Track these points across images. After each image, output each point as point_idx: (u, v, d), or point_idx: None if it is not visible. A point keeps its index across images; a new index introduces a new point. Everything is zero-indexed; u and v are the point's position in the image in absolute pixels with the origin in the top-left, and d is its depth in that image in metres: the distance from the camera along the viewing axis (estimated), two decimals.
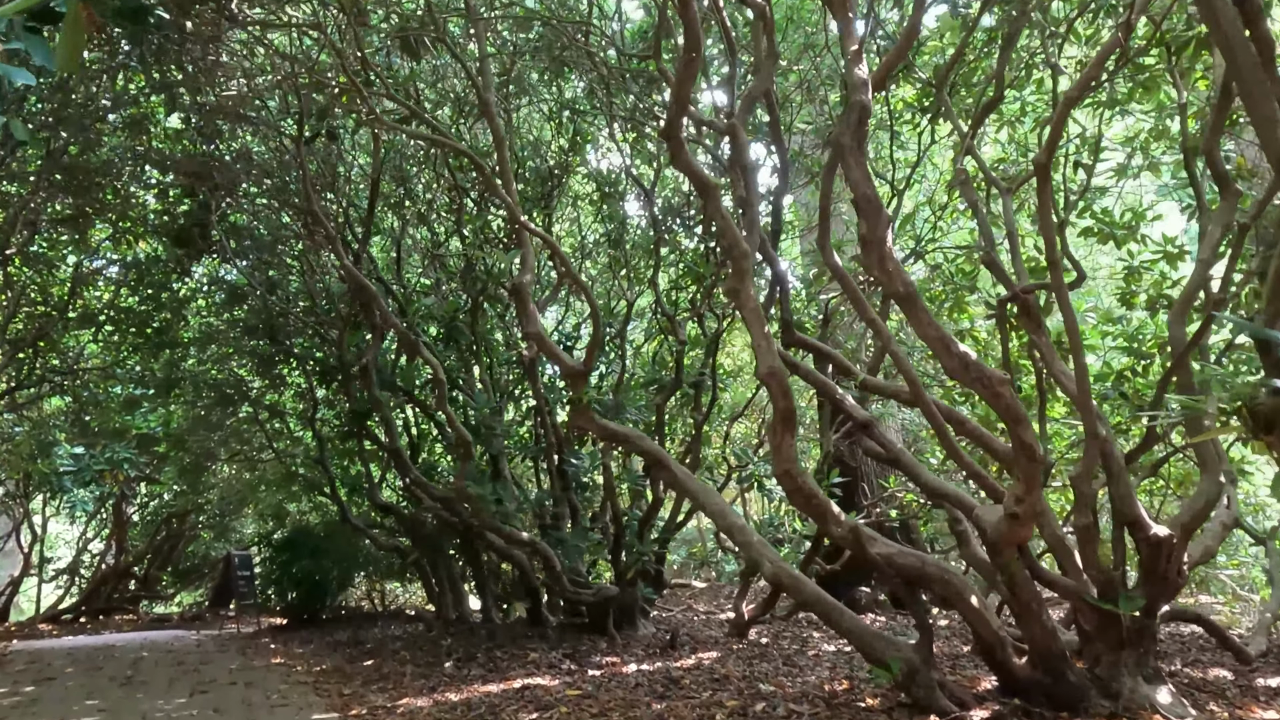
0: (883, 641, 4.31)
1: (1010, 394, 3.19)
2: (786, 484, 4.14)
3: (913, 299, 3.21)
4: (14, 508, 19.53)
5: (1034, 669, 4.15)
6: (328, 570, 13.24)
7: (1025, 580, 4.01)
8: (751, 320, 4.03)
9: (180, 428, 14.27)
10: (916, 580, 4.32)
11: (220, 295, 12.23)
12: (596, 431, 5.04)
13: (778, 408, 4.06)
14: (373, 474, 10.89)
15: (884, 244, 3.11)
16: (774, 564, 4.52)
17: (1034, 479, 3.23)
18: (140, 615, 18.90)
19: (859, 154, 3.05)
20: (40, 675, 7.79)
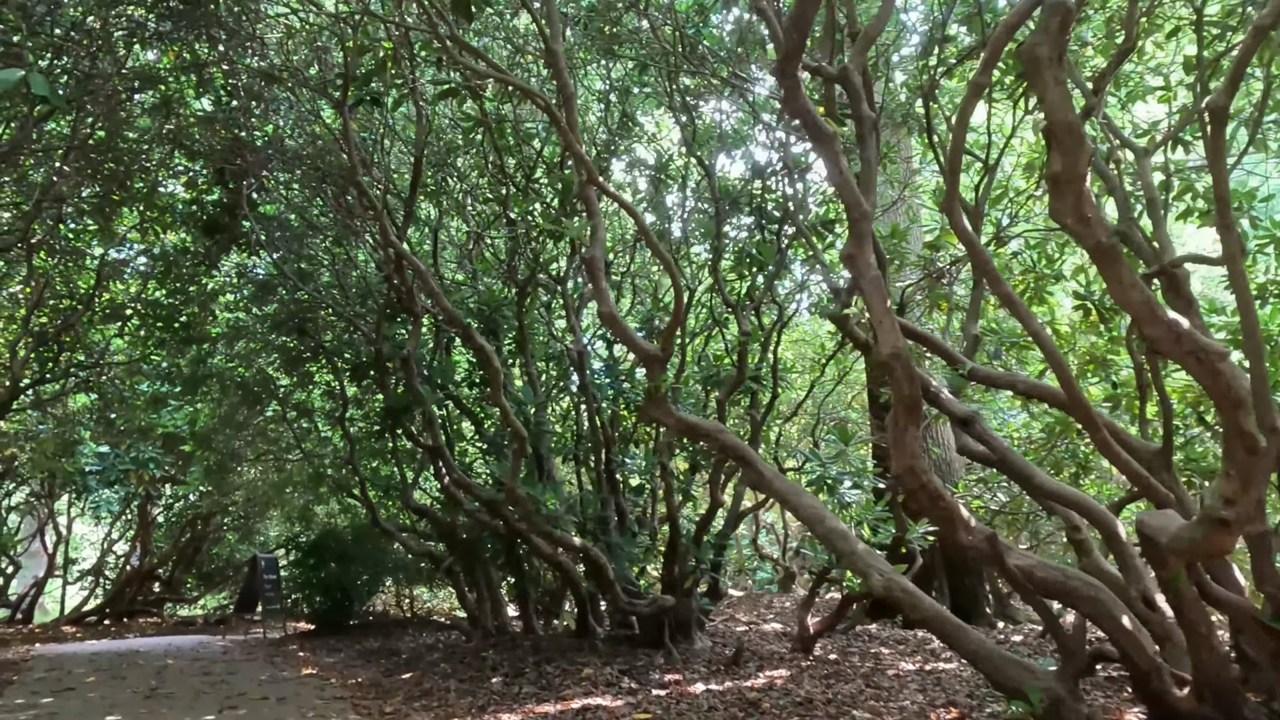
0: (1018, 667, 3.71)
1: (1232, 371, 2.61)
2: (908, 482, 3.56)
3: (1114, 255, 2.64)
4: (39, 508, 19.29)
5: (1199, 701, 3.54)
6: (356, 575, 12.77)
7: (1194, 599, 3.40)
8: (871, 292, 3.46)
9: (206, 427, 13.88)
10: (1061, 596, 3.73)
11: (249, 289, 11.81)
12: (673, 425, 4.49)
13: (900, 394, 3.49)
14: (405, 475, 10.39)
15: (1083, 183, 2.54)
16: (885, 577, 3.94)
17: (1252, 476, 2.65)
18: (164, 618, 18.56)
19: (1058, 69, 2.49)
20: (60, 685, 7.34)
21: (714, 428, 4.52)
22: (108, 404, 12.59)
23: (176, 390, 12.48)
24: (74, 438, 13.37)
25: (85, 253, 10.34)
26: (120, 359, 12.17)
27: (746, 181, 8.14)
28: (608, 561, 6.99)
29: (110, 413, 12.82)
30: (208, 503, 16.69)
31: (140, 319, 11.46)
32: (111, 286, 11.34)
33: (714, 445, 4.52)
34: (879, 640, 8.61)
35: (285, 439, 14.31)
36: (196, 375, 12.37)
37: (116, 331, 11.21)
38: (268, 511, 18.95)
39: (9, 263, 10.65)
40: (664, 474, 7.02)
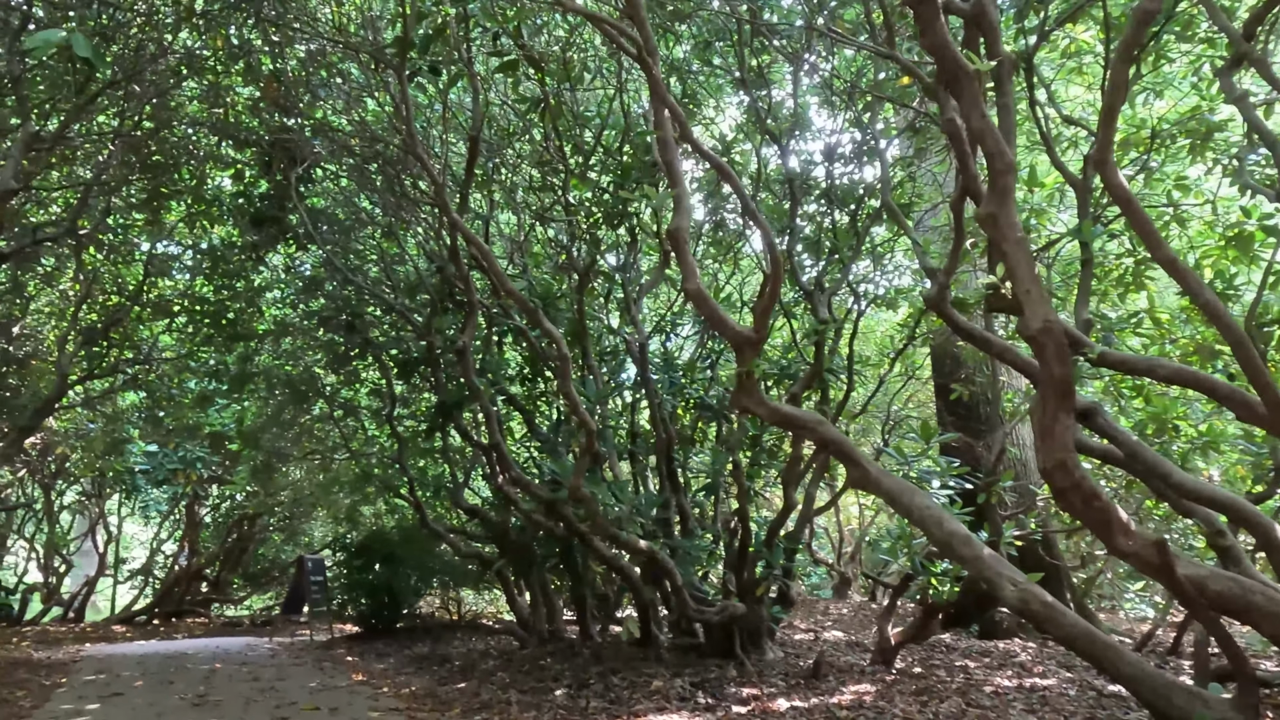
0: (1186, 694, 3.19)
1: None
2: (1059, 480, 3.06)
3: None
4: (90, 507, 19.42)
5: None
6: (404, 577, 12.49)
7: None
8: (1017, 256, 2.98)
9: (253, 425, 13.72)
10: (1239, 613, 3.20)
11: (296, 284, 11.61)
12: (766, 415, 4.03)
13: (1051, 376, 2.99)
14: (456, 474, 10.06)
15: None
16: (1020, 587, 3.44)
17: None
18: (211, 619, 18.54)
19: None
20: (106, 689, 7.09)
21: (813, 419, 4.04)
22: (156, 402, 12.48)
23: (223, 388, 12.31)
24: (123, 436, 13.29)
25: (134, 245, 10.17)
26: (168, 356, 12.03)
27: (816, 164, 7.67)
28: (674, 566, 6.54)
29: (158, 411, 12.70)
30: (254, 503, 16.58)
31: (188, 315, 11.30)
32: (159, 283, 11.21)
33: (813, 439, 4.05)
34: (959, 652, 8.05)
35: (332, 438, 14.11)
36: (243, 373, 12.20)
37: (164, 328, 11.04)
38: (314, 512, 18.86)
39: (59, 258, 10.56)
40: (736, 472, 6.55)
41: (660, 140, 3.94)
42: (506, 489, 8.36)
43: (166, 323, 11.05)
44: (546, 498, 6.82)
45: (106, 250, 9.91)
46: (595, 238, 7.13)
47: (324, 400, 13.11)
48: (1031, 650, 8.14)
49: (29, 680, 7.74)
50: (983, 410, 10.60)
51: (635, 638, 6.90)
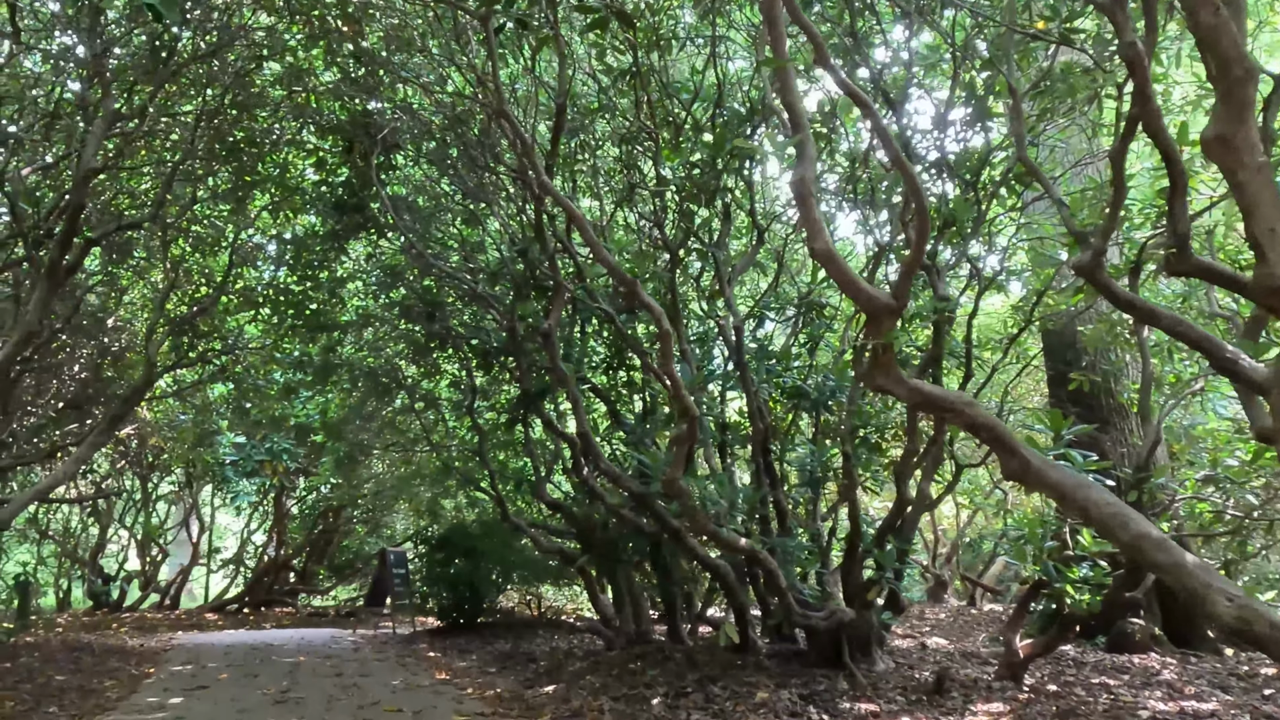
0: None
1: None
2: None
3: None
4: (185, 498, 19.99)
5: None
6: (485, 572, 12.27)
7: None
8: (1257, 185, 2.35)
9: (336, 417, 13.74)
10: None
11: (377, 274, 11.49)
12: (905, 394, 3.47)
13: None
14: (539, 466, 9.72)
15: None
16: (1238, 603, 2.80)
17: None
18: (298, 609, 18.83)
19: None
20: (192, 682, 6.97)
21: (961, 400, 3.46)
22: (243, 394, 12.56)
23: (307, 379, 12.31)
24: (212, 428, 13.46)
25: (220, 235, 10.16)
26: (254, 347, 12.08)
27: (925, 133, 6.99)
28: (778, 566, 6.00)
29: (245, 403, 12.79)
30: (338, 495, 16.70)
31: (272, 307, 11.30)
32: (245, 273, 11.24)
33: (960, 422, 3.47)
34: (1090, 667, 7.27)
35: (413, 430, 14.03)
36: (327, 364, 12.18)
37: (249, 318, 11.04)
38: (395, 505, 18.95)
39: (150, 250, 10.66)
40: (846, 464, 5.96)
41: (781, 80, 3.42)
42: (591, 482, 7.96)
43: (252, 314, 11.04)
44: (638, 491, 6.37)
45: (193, 240, 9.91)
46: (688, 210, 6.62)
47: (405, 392, 13.02)
48: (1174, 667, 7.30)
49: (119, 670, 7.72)
50: (1105, 402, 9.71)
51: (734, 643, 6.40)
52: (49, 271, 5.74)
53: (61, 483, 7.90)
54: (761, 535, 6.89)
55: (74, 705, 5.87)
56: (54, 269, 5.72)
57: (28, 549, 22.49)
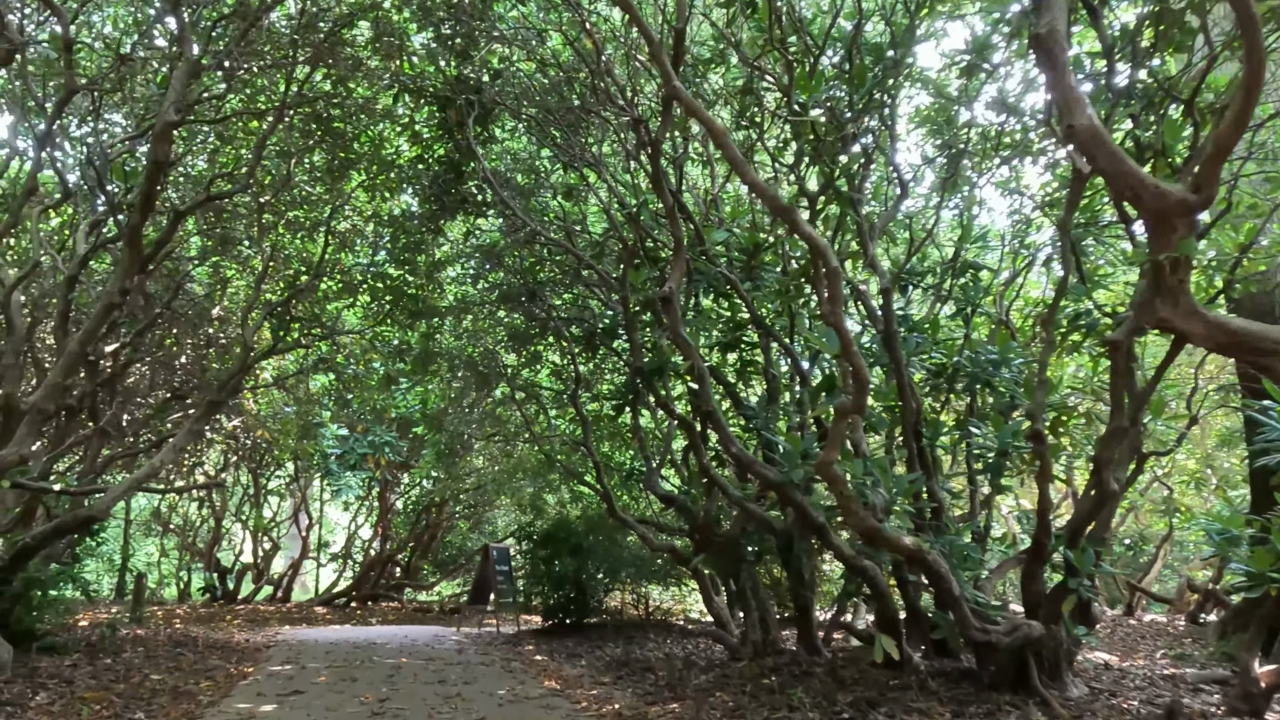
0: None
1: None
2: None
3: None
4: (295, 492, 20.21)
5: None
6: (591, 570, 11.59)
7: None
8: None
9: (436, 408, 13.35)
10: None
11: (475, 257, 10.97)
12: (1200, 331, 2.47)
13: None
14: (649, 456, 8.92)
15: None
16: None
17: None
18: (403, 604, 18.70)
19: None
20: (288, 686, 6.48)
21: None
22: (344, 384, 12.27)
23: (407, 368, 11.91)
24: (316, 420, 13.27)
25: (317, 216, 9.77)
26: (352, 333, 11.74)
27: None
28: (948, 570, 4.98)
29: (346, 393, 12.51)
30: (439, 488, 16.38)
31: (371, 292, 10.92)
32: (344, 258, 10.88)
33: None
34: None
35: (514, 422, 13.51)
36: (426, 352, 11.76)
37: (348, 303, 10.67)
38: (497, 500, 18.59)
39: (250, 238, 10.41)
40: (1039, 446, 4.86)
41: None
42: (712, 471, 7.09)
43: (349, 300, 10.66)
44: (775, 480, 5.45)
45: (288, 222, 9.57)
46: (830, 146, 5.65)
47: (505, 383, 12.51)
48: None
49: (217, 669, 7.34)
50: None
51: (894, 659, 5.41)
52: (130, 239, 5.32)
53: (159, 471, 7.61)
54: (919, 534, 5.88)
55: (162, 710, 5.41)
56: (135, 236, 5.30)
57: (153, 541, 23.35)
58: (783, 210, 3.71)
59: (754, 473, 5.65)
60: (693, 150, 9.01)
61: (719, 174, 9.13)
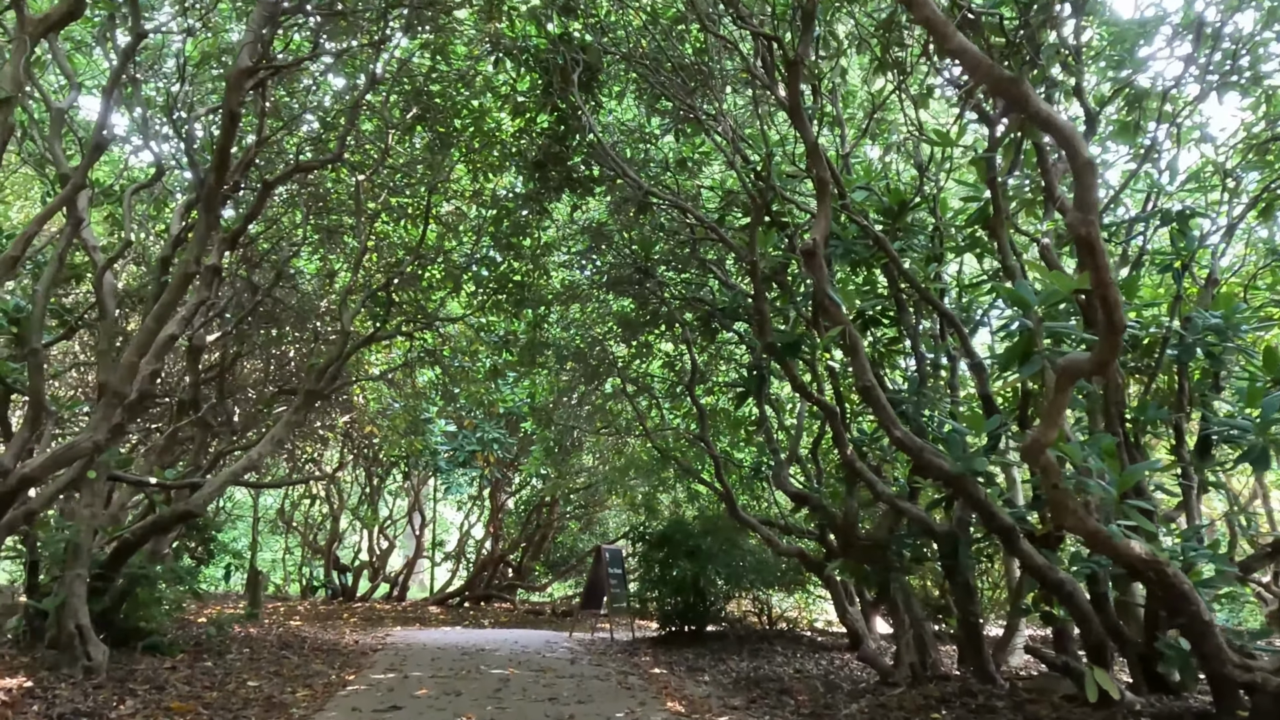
0: None
1: None
2: None
3: None
4: (410, 491, 20.21)
5: None
6: (711, 574, 10.70)
7: None
8: None
9: (545, 402, 12.77)
10: None
11: (583, 239, 10.29)
12: None
13: None
14: (777, 449, 7.96)
15: None
16: None
17: None
18: (515, 605, 18.34)
19: None
20: (387, 699, 5.89)
21: None
22: (451, 377, 11.84)
23: (513, 359, 11.35)
24: (423, 415, 12.93)
25: (415, 184, 9.26)
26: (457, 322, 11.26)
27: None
28: (1193, 589, 3.83)
29: (453, 387, 12.08)
30: (549, 487, 15.84)
31: (475, 280, 10.41)
32: (447, 244, 10.41)
33: None
34: None
35: (625, 416, 12.78)
36: (533, 342, 11.18)
37: (450, 289, 10.16)
38: (607, 499, 17.97)
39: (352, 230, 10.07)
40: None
41: None
42: (857, 464, 6.08)
43: (451, 286, 10.16)
44: (952, 471, 4.41)
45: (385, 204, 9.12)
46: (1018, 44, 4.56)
47: (616, 375, 11.80)
48: None
49: (319, 676, 6.87)
50: None
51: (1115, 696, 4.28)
52: (207, 202, 4.85)
53: (257, 465, 7.27)
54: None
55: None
56: (211, 199, 4.83)
57: (279, 539, 24.00)
58: (1005, 83, 2.71)
59: (922, 461, 4.62)
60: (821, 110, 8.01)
61: (849, 137, 8.08)
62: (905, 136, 7.96)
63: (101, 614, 7.00)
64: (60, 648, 5.70)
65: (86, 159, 4.66)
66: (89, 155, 4.66)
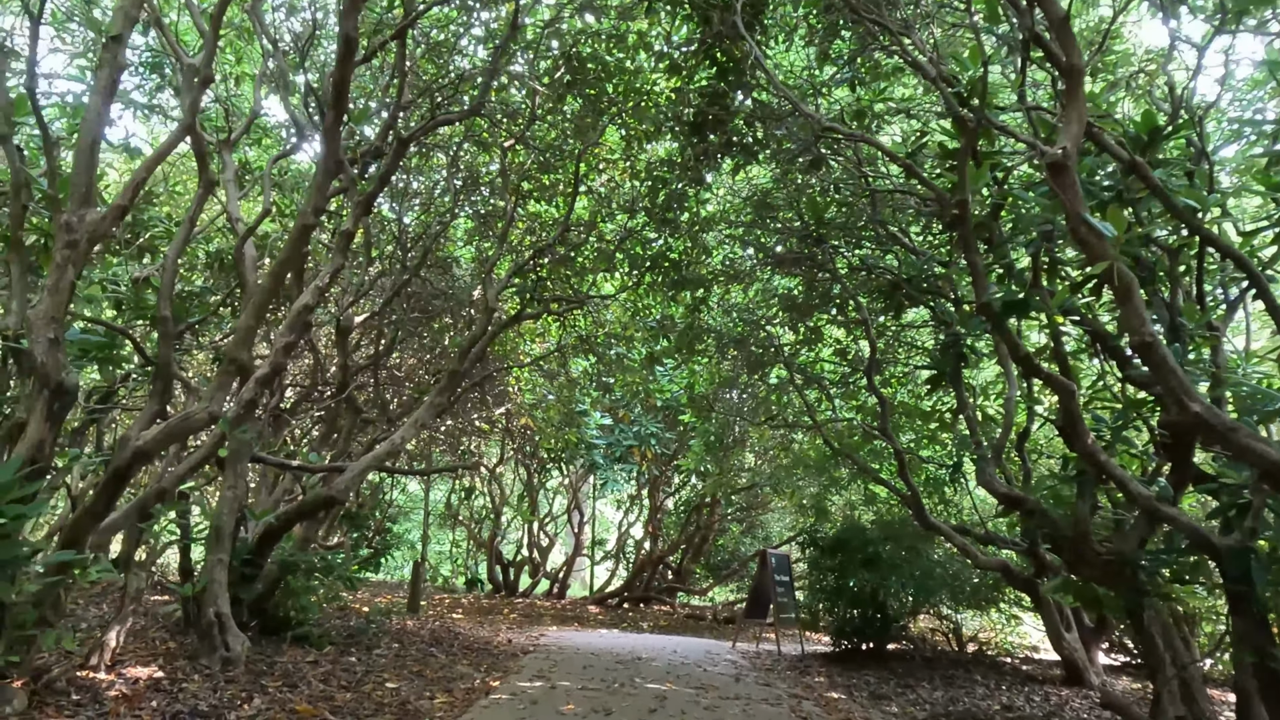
0: None
1: None
2: None
3: None
4: (567, 488, 19.99)
5: None
6: (894, 587, 9.43)
7: None
8: None
9: (704, 392, 11.90)
10: None
11: (746, 211, 9.35)
12: None
13: None
14: (980, 440, 6.67)
15: None
16: None
17: None
18: (675, 608, 17.61)
19: None
20: (527, 715, 5.21)
21: None
22: (605, 366, 11.21)
23: (670, 345, 10.57)
24: (578, 407, 12.42)
25: (563, 153, 8.67)
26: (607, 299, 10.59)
27: None
28: None
29: (608, 378, 11.46)
30: (709, 485, 14.95)
31: (629, 259, 9.70)
32: (599, 223, 9.78)
33: None
34: None
35: (791, 410, 11.69)
36: (691, 328, 10.34)
37: (604, 268, 9.49)
38: (771, 500, 16.88)
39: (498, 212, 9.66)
40: None
41: None
42: (1101, 457, 4.77)
43: (604, 266, 9.50)
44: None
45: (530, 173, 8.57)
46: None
47: (781, 364, 10.75)
48: None
49: (462, 680, 6.34)
50: None
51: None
52: (326, 137, 4.36)
53: (400, 449, 6.88)
54: None
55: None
56: (331, 136, 4.32)
57: (447, 533, 24.62)
58: None
59: (1237, 446, 3.31)
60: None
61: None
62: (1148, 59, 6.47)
63: (255, 602, 6.83)
64: (200, 636, 5.44)
65: (195, 93, 4.32)
66: (196, 90, 4.31)
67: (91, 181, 3.79)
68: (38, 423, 3.60)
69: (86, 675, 4.43)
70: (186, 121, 4.31)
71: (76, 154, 3.75)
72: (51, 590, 4.01)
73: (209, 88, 4.41)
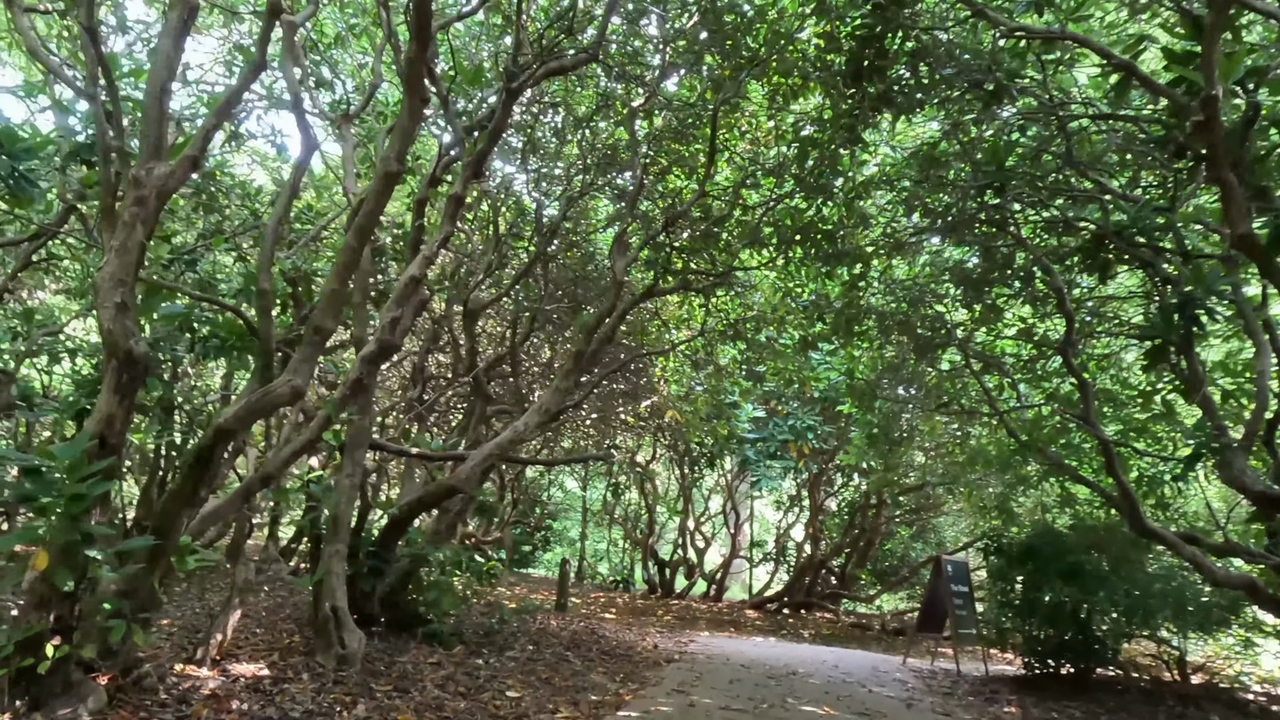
0: None
1: None
2: None
3: None
4: (726, 488, 19.23)
5: None
6: (1101, 604, 7.98)
7: None
8: None
9: (865, 379, 10.76)
10: None
11: (911, 171, 8.24)
12: None
13: None
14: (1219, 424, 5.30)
15: None
16: None
17: None
18: (838, 616, 16.43)
19: None
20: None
21: None
22: (756, 352, 10.35)
23: (825, 328, 9.57)
24: (728, 399, 11.62)
25: (698, 113, 7.91)
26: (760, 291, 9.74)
27: None
28: None
29: (759, 366, 10.58)
30: (874, 482, 13.68)
31: (776, 233, 8.81)
32: (745, 196, 8.95)
33: None
34: None
35: (967, 396, 10.33)
36: (850, 308, 9.29)
37: (748, 240, 8.63)
38: (944, 502, 15.33)
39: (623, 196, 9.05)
40: None
41: None
42: None
43: (748, 238, 8.65)
44: None
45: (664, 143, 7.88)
46: None
47: (956, 348, 9.48)
48: None
49: (593, 690, 5.75)
50: None
51: None
52: (409, 78, 3.86)
53: (524, 437, 6.41)
54: None
55: None
56: (414, 74, 3.81)
57: (604, 532, 24.54)
58: None
59: None
60: None
61: None
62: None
63: (386, 595, 6.58)
64: (316, 631, 5.14)
65: (265, 25, 3.98)
66: (266, 22, 3.97)
67: (162, 133, 3.51)
68: (106, 396, 3.33)
69: (184, 671, 4.18)
70: (257, 60, 3.99)
71: (145, 102, 3.48)
72: (143, 579, 3.74)
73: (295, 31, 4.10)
